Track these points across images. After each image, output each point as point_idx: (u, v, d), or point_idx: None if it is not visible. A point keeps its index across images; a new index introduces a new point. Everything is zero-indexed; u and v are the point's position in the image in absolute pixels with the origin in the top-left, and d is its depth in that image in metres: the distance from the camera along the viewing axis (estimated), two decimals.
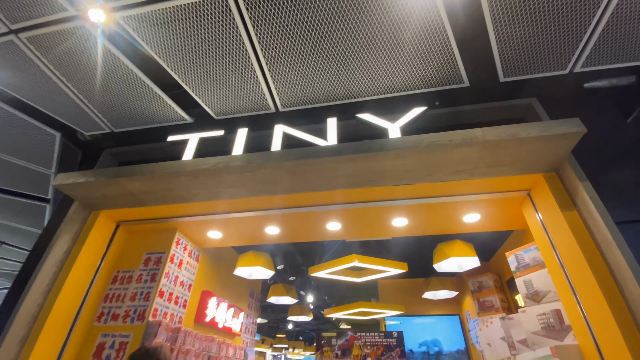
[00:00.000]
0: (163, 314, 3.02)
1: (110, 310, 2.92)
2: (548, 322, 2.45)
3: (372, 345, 3.38)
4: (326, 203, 2.83)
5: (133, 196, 2.84)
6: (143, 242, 3.29)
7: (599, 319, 1.98)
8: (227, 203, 2.91)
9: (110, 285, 3.07)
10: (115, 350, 2.69)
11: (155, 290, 2.95)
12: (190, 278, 3.54)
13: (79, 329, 2.75)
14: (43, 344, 2.44)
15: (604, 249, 2.05)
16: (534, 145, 2.21)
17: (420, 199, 2.76)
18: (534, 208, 2.62)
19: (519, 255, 2.83)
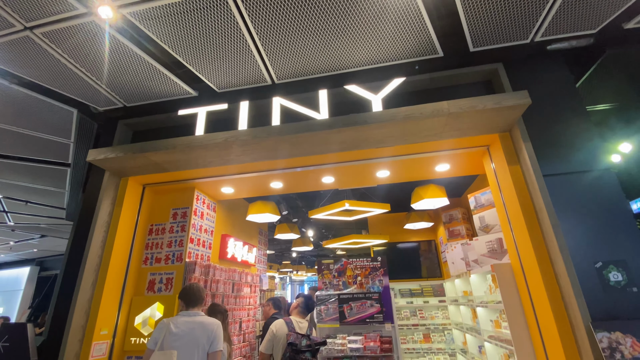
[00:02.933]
0: (195, 255, 3.79)
1: (152, 255, 3.67)
2: (492, 247, 3.25)
3: (361, 267, 4.27)
4: (321, 163, 3.38)
5: (157, 165, 3.34)
6: (168, 200, 3.90)
7: (523, 245, 2.73)
8: (236, 167, 3.44)
9: (148, 237, 3.77)
10: (164, 284, 3.50)
11: (187, 238, 3.66)
12: (211, 225, 4.26)
13: (132, 271, 3.51)
14: (109, 284, 3.20)
15: (533, 195, 2.69)
16: (489, 114, 2.68)
17: (399, 157, 3.31)
18: (490, 160, 3.20)
19: (477, 197, 3.51)
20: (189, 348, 2.31)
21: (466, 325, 4.50)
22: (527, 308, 2.74)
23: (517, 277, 2.88)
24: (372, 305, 3.86)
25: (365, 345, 3.60)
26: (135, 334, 3.26)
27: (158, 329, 2.40)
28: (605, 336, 1.98)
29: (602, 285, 2.29)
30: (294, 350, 2.95)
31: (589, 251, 2.40)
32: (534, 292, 2.60)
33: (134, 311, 3.36)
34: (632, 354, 1.86)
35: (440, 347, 5.34)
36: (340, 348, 3.63)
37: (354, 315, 3.86)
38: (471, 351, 4.47)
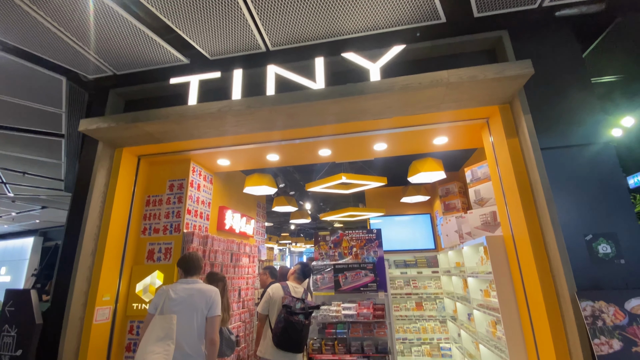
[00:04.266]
0: (193, 226, 3.84)
1: (150, 225, 3.71)
2: (486, 220, 3.28)
3: (357, 239, 4.35)
4: (317, 135, 3.33)
5: (150, 136, 3.29)
6: (164, 172, 3.89)
7: (516, 218, 2.75)
8: (232, 138, 3.39)
9: (145, 207, 3.80)
10: (162, 254, 3.57)
11: (184, 210, 3.69)
12: (208, 197, 4.28)
13: (131, 241, 3.57)
14: (109, 253, 3.26)
15: (529, 168, 2.68)
16: (490, 84, 2.60)
17: (397, 129, 3.26)
18: (489, 133, 3.15)
19: (474, 170, 3.50)
20: (188, 313, 2.39)
21: (457, 295, 4.65)
22: (515, 278, 2.82)
23: (508, 249, 2.93)
24: (367, 274, 3.96)
25: (358, 312, 3.74)
26: (137, 300, 3.38)
27: (158, 295, 2.48)
28: (589, 305, 2.05)
29: (591, 257, 2.34)
30: (288, 312, 3.08)
31: (581, 224, 2.43)
32: (524, 263, 2.66)
33: (135, 279, 3.46)
34: (613, 322, 1.94)
35: (432, 315, 5.57)
36: (334, 314, 3.77)
37: (348, 284, 3.97)
38: (460, 318, 4.66)
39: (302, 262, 3.77)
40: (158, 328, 2.28)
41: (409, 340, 5.45)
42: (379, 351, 3.57)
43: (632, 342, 1.83)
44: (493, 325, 3.43)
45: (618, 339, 1.87)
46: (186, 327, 2.36)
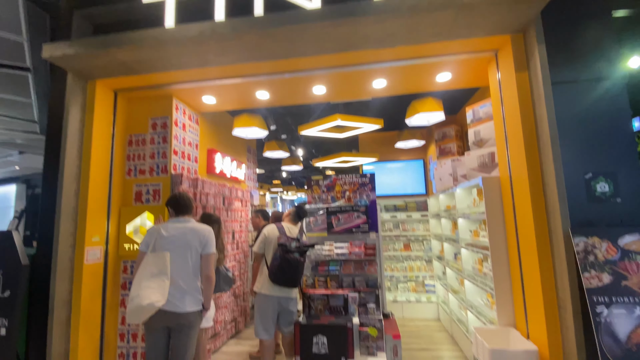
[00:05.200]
0: (181, 168, 3.68)
1: (135, 167, 3.53)
2: (483, 161, 3.22)
3: (350, 183, 4.29)
4: (312, 68, 3.05)
5: (125, 65, 2.95)
6: (145, 109, 3.60)
7: (516, 157, 2.67)
8: (217, 70, 3.08)
9: (128, 148, 3.57)
10: (151, 196, 3.45)
11: (170, 150, 3.49)
12: (195, 139, 4.06)
13: (116, 182, 3.41)
14: (93, 193, 3.11)
15: (536, 104, 2.53)
16: (505, 6, 2.32)
17: (399, 61, 2.99)
18: (496, 68, 2.93)
19: (476, 109, 3.34)
20: (181, 250, 2.35)
21: (445, 236, 4.80)
22: (508, 218, 2.84)
23: (503, 189, 2.91)
24: (359, 216, 3.98)
25: (350, 251, 3.83)
26: (129, 241, 3.33)
27: (149, 233, 2.41)
28: (582, 240, 2.07)
29: (588, 196, 2.32)
30: (284, 250, 3.11)
31: (582, 162, 2.37)
32: (519, 202, 2.65)
33: (124, 220, 3.38)
34: (605, 257, 1.97)
35: (419, 255, 5.83)
36: (327, 253, 3.86)
37: (341, 225, 4.01)
38: (447, 258, 4.87)
39: (297, 204, 3.74)
40: (151, 265, 2.25)
41: (395, 278, 5.76)
42: (369, 286, 3.73)
43: (622, 276, 1.88)
44: (480, 262, 3.57)
45: (608, 273, 1.92)
46: (180, 264, 2.33)
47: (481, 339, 2.51)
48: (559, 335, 2.27)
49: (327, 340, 2.98)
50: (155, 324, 2.27)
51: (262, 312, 3.16)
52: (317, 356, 2.96)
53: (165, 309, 2.22)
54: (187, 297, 2.30)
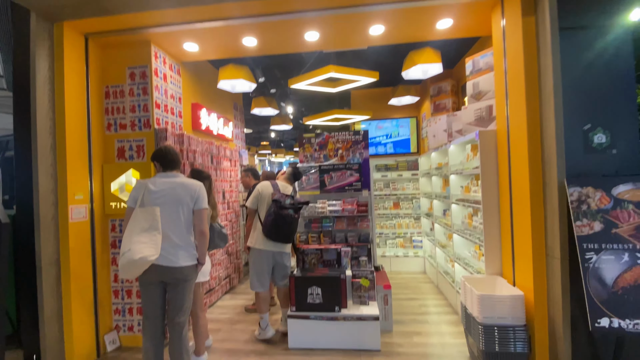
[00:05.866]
0: (165, 123, 3.46)
1: (115, 120, 3.30)
2: (481, 115, 3.14)
3: (342, 141, 4.19)
4: (304, 9, 2.78)
5: (96, 2, 2.62)
6: (121, 57, 3.28)
7: (516, 109, 2.61)
8: (199, 10, 2.77)
9: (105, 100, 3.31)
10: (135, 152, 3.27)
11: (151, 103, 3.25)
12: (177, 91, 3.79)
13: (96, 137, 3.19)
14: (72, 149, 2.90)
15: (541, 52, 2.41)
16: None
17: (400, 3, 2.76)
18: (501, 13, 2.76)
19: (476, 60, 3.20)
20: (172, 205, 2.26)
21: (435, 193, 4.87)
22: (502, 171, 2.84)
23: (499, 142, 2.88)
24: (352, 174, 3.94)
25: (343, 208, 3.84)
26: (115, 199, 3.21)
27: (136, 188, 2.29)
28: (576, 190, 2.09)
29: (585, 147, 2.31)
30: (278, 206, 3.07)
31: (582, 113, 2.34)
32: (515, 155, 2.63)
33: (108, 178, 3.22)
34: (597, 206, 2.00)
35: (407, 213, 5.96)
36: (320, 210, 3.86)
37: (333, 183, 3.97)
38: (436, 214, 4.98)
39: (294, 165, 3.65)
40: (141, 220, 2.16)
41: (384, 235, 5.92)
42: (361, 241, 3.80)
43: (613, 224, 1.93)
44: (469, 217, 3.65)
45: (600, 221, 1.96)
46: (172, 219, 2.25)
47: (470, 286, 2.61)
48: (545, 282, 2.38)
49: (321, 291, 3.06)
50: (150, 279, 2.24)
51: (257, 266, 3.19)
52: (311, 306, 3.06)
53: (159, 263, 2.18)
54: (181, 252, 2.25)
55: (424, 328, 3.43)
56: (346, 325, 3.00)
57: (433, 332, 3.32)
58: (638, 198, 1.92)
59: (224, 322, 3.74)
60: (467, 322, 2.70)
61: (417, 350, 2.97)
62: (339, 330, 3.01)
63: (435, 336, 3.24)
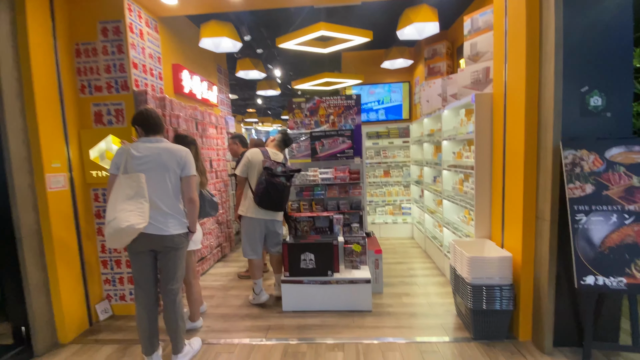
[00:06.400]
0: (144, 85, 3.23)
1: (89, 82, 3.04)
2: (477, 77, 3.05)
3: (334, 106, 4.05)
4: None
5: None
6: (90, 10, 2.96)
7: (515, 71, 2.52)
8: None
9: (76, 59, 3.03)
10: (114, 117, 3.06)
11: (128, 62, 3.00)
12: (156, 50, 3.51)
13: (70, 101, 2.95)
14: (43, 113, 2.68)
15: (544, 11, 2.29)
16: None
17: None
18: None
19: (475, 18, 3.05)
20: (158, 172, 2.14)
21: (426, 160, 4.86)
22: (496, 135, 2.82)
23: (495, 106, 2.82)
24: (344, 141, 3.86)
25: (335, 176, 3.79)
26: (96, 167, 3.05)
27: (117, 154, 2.15)
28: (571, 153, 2.08)
29: (580, 110, 2.28)
30: (270, 174, 2.99)
31: (580, 75, 2.27)
32: (511, 118, 2.59)
33: (86, 145, 3.03)
34: (590, 169, 2.01)
35: (397, 180, 5.99)
36: (312, 178, 3.80)
37: (325, 150, 3.89)
38: (426, 181, 5.01)
39: (283, 130, 3.51)
40: (126, 187, 2.05)
41: (374, 203, 5.97)
42: (353, 208, 3.81)
43: (604, 186, 1.95)
44: (460, 182, 3.68)
45: (591, 184, 1.98)
46: (159, 186, 2.15)
47: (460, 249, 2.67)
48: (533, 244, 2.45)
49: (314, 257, 3.08)
50: (140, 248, 2.18)
51: (249, 234, 3.16)
52: (304, 271, 3.09)
53: (149, 232, 2.11)
54: (170, 220, 2.18)
55: (413, 289, 3.56)
56: (339, 288, 3.07)
57: (421, 293, 3.45)
58: (630, 161, 1.93)
59: (218, 289, 3.78)
60: (456, 283, 2.80)
61: (407, 310, 3.09)
62: (332, 293, 3.08)
63: (423, 296, 3.37)
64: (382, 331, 2.73)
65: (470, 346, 2.49)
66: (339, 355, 2.43)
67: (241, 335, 2.76)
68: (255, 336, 2.73)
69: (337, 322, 2.89)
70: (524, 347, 2.45)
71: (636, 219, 1.82)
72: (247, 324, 2.95)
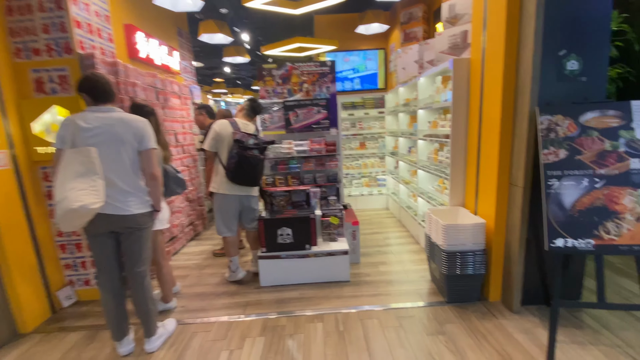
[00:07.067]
0: (91, 47, 2.84)
1: (25, 44, 2.62)
2: (455, 41, 2.95)
3: (308, 73, 3.83)
4: None
5: None
6: None
7: (494, 33, 2.44)
8: None
9: (7, 17, 2.58)
10: (57, 84, 2.69)
11: (68, 20, 2.60)
12: (103, 7, 3.08)
13: (3, 67, 2.54)
14: None
15: None
16: None
17: None
18: None
19: None
20: (112, 146, 1.91)
21: (401, 131, 4.82)
22: (473, 101, 2.78)
23: (473, 71, 2.76)
24: (319, 111, 3.69)
25: (311, 148, 3.66)
26: (42, 143, 2.71)
27: (63, 126, 1.89)
28: (547, 118, 2.08)
29: (557, 74, 2.26)
30: (241, 147, 2.81)
31: (558, 38, 2.23)
32: (488, 85, 2.54)
33: (28, 117, 2.66)
34: (565, 134, 2.02)
35: (373, 152, 5.96)
36: (287, 151, 3.64)
37: (300, 121, 3.71)
38: (401, 152, 5.01)
39: (252, 98, 3.27)
40: (75, 163, 1.81)
41: (351, 175, 5.94)
42: (330, 181, 3.73)
43: (577, 151, 1.97)
44: (435, 152, 3.67)
45: (565, 149, 1.99)
46: (114, 161, 1.93)
47: (435, 217, 2.69)
48: (505, 210, 2.50)
49: (291, 232, 3.01)
50: (98, 230, 1.98)
51: (222, 211, 3.02)
52: (282, 246, 3.02)
53: (107, 212, 1.91)
54: (131, 198, 1.98)
55: (389, 258, 3.62)
56: (317, 261, 3.05)
57: (397, 261, 3.52)
58: (603, 125, 1.95)
59: (192, 268, 3.65)
60: (431, 250, 2.85)
61: (383, 278, 3.14)
62: (310, 266, 3.05)
63: (399, 264, 3.44)
64: (360, 300, 2.77)
65: (444, 309, 2.57)
66: (319, 325, 2.44)
67: (218, 314, 2.69)
68: (233, 313, 2.67)
69: (316, 294, 2.89)
70: (494, 307, 2.57)
71: (606, 182, 1.87)
72: (224, 301, 2.88)
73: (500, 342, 2.14)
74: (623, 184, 1.84)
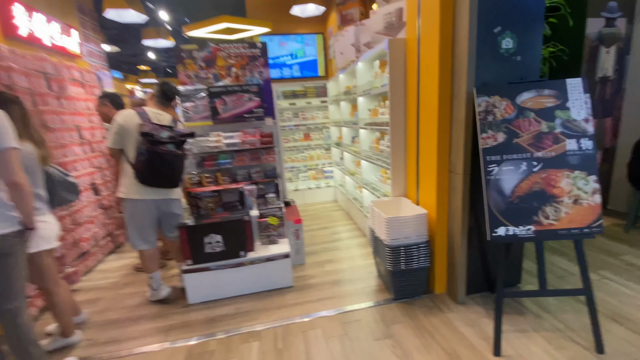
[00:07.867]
0: None
1: None
2: (390, 20, 2.75)
3: (236, 56, 3.40)
4: None
5: None
6: None
7: (429, 11, 2.26)
8: None
9: None
10: None
11: None
12: None
13: None
14: None
15: None
16: None
17: None
18: None
19: None
20: None
21: (344, 120, 4.62)
22: (410, 85, 2.61)
23: (409, 53, 2.58)
24: (251, 98, 3.29)
25: (244, 140, 3.25)
26: None
27: None
28: (484, 100, 1.96)
29: (493, 53, 2.15)
30: (151, 142, 2.31)
31: (493, 14, 2.11)
32: (425, 66, 2.38)
33: None
34: (502, 116, 1.91)
35: (318, 144, 5.70)
36: (215, 144, 3.20)
37: (229, 110, 3.27)
38: (345, 142, 4.82)
39: (162, 81, 2.74)
40: None
41: (296, 168, 5.63)
42: (267, 176, 3.37)
43: (515, 133, 1.87)
44: (376, 141, 3.51)
45: (503, 132, 1.89)
46: None
47: (378, 210, 2.50)
48: (446, 199, 2.39)
49: (222, 238, 2.61)
50: None
51: (135, 220, 2.51)
52: (211, 255, 2.62)
53: None
54: None
55: (335, 255, 3.40)
56: (254, 268, 2.70)
57: (344, 258, 3.32)
58: (539, 105, 1.87)
59: (107, 288, 3.07)
60: (375, 244, 2.67)
61: (329, 279, 2.91)
62: (247, 275, 2.70)
63: (346, 261, 3.24)
64: (304, 307, 2.49)
65: (391, 307, 2.41)
66: (254, 345, 2.12)
67: (133, 344, 2.22)
68: (151, 342, 2.23)
69: (254, 307, 2.55)
70: (440, 299, 2.47)
71: (544, 165, 1.79)
72: (143, 327, 2.41)
73: (448, 339, 2.02)
74: (560, 166, 1.77)
